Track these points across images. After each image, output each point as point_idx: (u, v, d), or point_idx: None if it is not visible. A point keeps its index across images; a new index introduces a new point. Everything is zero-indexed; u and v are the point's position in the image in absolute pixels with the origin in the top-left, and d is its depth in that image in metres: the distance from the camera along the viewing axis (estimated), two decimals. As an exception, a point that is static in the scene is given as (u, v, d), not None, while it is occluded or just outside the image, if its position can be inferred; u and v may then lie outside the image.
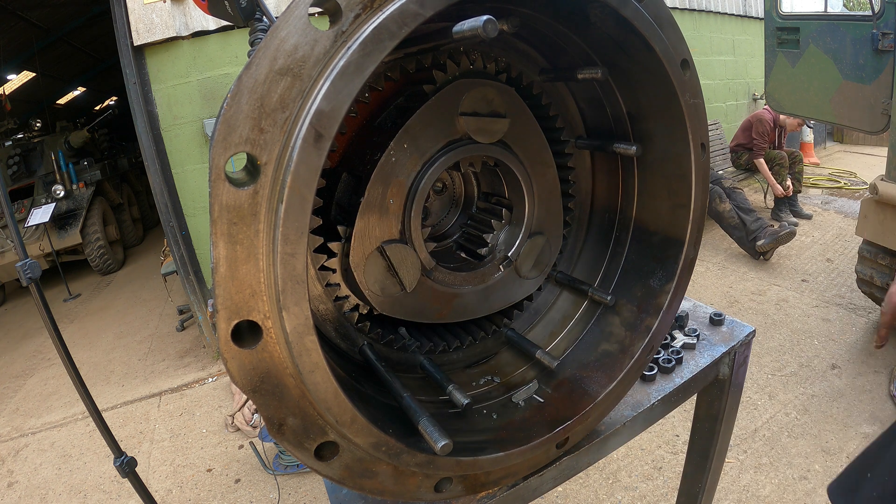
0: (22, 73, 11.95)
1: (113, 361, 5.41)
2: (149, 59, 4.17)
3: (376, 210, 0.82)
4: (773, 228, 5.27)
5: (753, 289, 4.95)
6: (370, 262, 0.84)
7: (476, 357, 1.13)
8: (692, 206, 0.93)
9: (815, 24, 4.15)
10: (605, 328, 1.07)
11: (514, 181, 0.97)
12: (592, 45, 0.92)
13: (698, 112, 0.89)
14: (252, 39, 1.28)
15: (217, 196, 0.52)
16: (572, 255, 1.20)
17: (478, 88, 0.85)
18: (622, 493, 2.84)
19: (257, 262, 0.56)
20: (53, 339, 1.91)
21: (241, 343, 0.58)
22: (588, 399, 0.96)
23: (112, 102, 17.61)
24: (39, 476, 3.75)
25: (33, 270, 1.83)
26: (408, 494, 0.79)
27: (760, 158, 6.28)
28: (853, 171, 8.19)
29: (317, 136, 0.54)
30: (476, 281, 0.98)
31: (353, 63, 0.55)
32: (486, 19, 0.59)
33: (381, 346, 1.00)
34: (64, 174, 8.33)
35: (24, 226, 7.56)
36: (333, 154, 0.92)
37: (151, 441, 3.94)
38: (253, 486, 3.30)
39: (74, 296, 7.85)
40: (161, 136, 4.26)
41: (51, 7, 9.52)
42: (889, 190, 3.33)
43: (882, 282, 3.60)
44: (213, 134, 0.52)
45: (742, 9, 8.06)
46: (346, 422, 0.65)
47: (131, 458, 2.11)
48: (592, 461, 1.11)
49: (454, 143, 0.86)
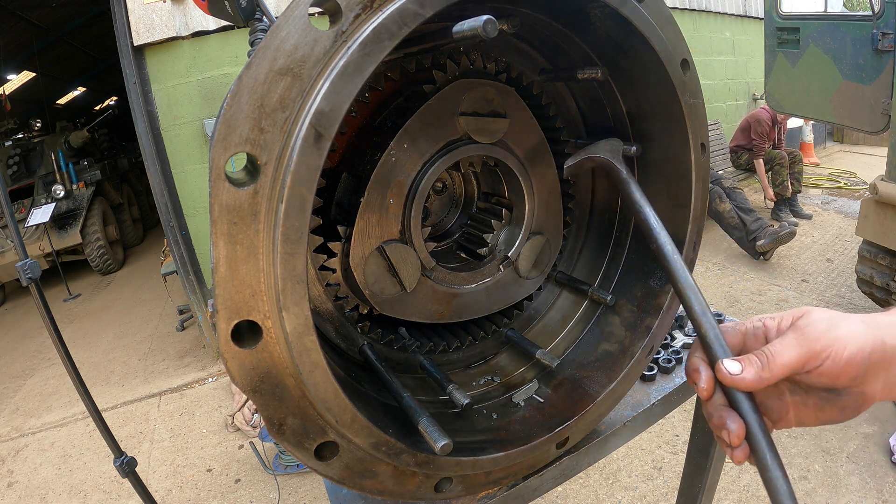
0: (22, 73, 11.95)
1: (113, 361, 5.41)
2: (149, 59, 4.17)
3: (376, 210, 0.82)
4: (773, 228, 5.27)
5: (753, 289, 4.95)
6: (370, 262, 0.84)
7: (476, 357, 1.13)
8: (692, 207, 0.93)
9: (815, 24, 4.15)
10: (605, 328, 1.07)
11: (514, 181, 0.97)
12: (592, 45, 0.92)
13: (698, 112, 0.89)
14: (252, 39, 1.28)
15: (217, 196, 0.52)
16: (572, 255, 1.20)
17: (478, 88, 0.85)
18: (622, 493, 2.84)
19: (257, 262, 0.56)
20: (53, 339, 1.91)
21: (241, 343, 0.58)
22: (588, 399, 0.96)
23: (112, 102, 17.62)
24: (39, 476, 3.75)
25: (33, 270, 1.83)
26: (408, 494, 0.79)
27: (760, 160, 6.28)
28: (853, 171, 8.19)
29: (317, 136, 0.54)
30: (476, 281, 0.98)
31: (353, 63, 0.55)
32: (486, 19, 0.59)
33: (381, 346, 1.00)
34: (64, 174, 8.33)
35: (24, 226, 7.56)
36: (333, 154, 0.92)
37: (151, 441, 3.94)
38: (253, 486, 3.30)
39: (74, 296, 7.85)
40: (161, 136, 4.26)
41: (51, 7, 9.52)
42: (889, 190, 3.33)
43: (882, 282, 3.60)
44: (213, 134, 0.52)
45: (742, 9, 8.06)
46: (346, 422, 0.65)
47: (131, 458, 2.11)
48: (592, 461, 1.11)
49: (454, 143, 0.86)
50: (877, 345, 0.58)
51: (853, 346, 0.58)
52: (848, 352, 0.57)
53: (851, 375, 0.58)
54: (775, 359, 0.60)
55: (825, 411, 0.63)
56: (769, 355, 0.60)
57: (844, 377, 0.58)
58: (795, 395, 0.64)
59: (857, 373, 0.58)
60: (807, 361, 0.59)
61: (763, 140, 6.24)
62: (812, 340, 0.59)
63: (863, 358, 0.58)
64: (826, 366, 0.58)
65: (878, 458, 2.84)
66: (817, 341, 0.58)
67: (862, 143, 9.92)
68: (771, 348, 0.61)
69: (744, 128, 6.56)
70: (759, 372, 0.60)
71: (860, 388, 0.60)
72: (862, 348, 0.58)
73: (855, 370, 0.58)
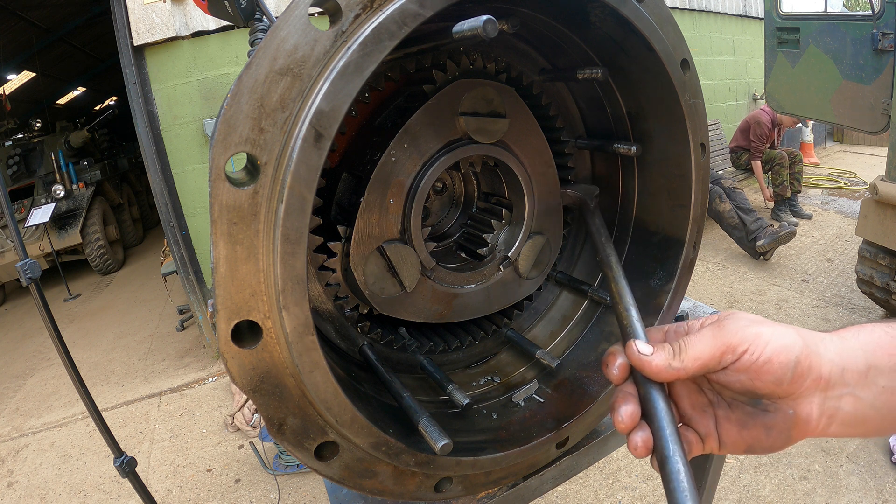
0: (22, 73, 11.96)
1: (113, 361, 5.41)
2: (149, 60, 4.17)
3: (376, 210, 0.82)
4: (773, 228, 5.27)
5: (753, 289, 4.95)
6: (370, 262, 0.84)
7: (476, 357, 1.13)
8: (692, 206, 0.93)
9: (815, 24, 4.15)
10: (605, 328, 1.07)
11: (513, 181, 0.97)
12: (592, 45, 0.92)
13: (698, 112, 0.89)
14: (252, 39, 1.28)
15: (217, 196, 0.52)
16: (572, 255, 1.20)
17: (478, 88, 0.85)
18: (622, 493, 2.84)
19: (257, 262, 0.56)
20: (53, 339, 1.91)
21: (241, 343, 0.58)
22: (588, 399, 0.96)
23: (112, 102, 17.63)
24: (39, 476, 3.75)
25: (33, 270, 1.83)
26: (408, 494, 0.79)
27: (757, 161, 6.29)
28: (853, 171, 8.19)
29: (317, 136, 0.54)
30: (476, 281, 0.98)
31: (353, 63, 0.55)
32: (486, 19, 0.59)
33: (381, 345, 1.00)
34: (64, 174, 8.33)
35: (24, 226, 7.56)
36: (333, 154, 0.92)
37: (151, 441, 3.94)
38: (253, 486, 3.30)
39: (74, 296, 7.85)
40: (161, 136, 4.26)
41: (51, 7, 9.53)
42: (889, 190, 3.33)
43: (882, 282, 3.60)
44: (213, 134, 0.52)
45: (742, 9, 8.06)
46: (346, 422, 0.65)
47: (131, 458, 2.11)
48: (592, 461, 1.11)
49: (454, 143, 0.86)
50: (808, 355, 0.53)
51: (776, 344, 0.53)
52: (770, 349, 0.53)
53: (774, 377, 0.53)
54: (687, 349, 0.56)
55: (749, 429, 0.57)
56: (682, 345, 0.57)
57: (766, 378, 0.53)
58: (719, 408, 0.61)
59: (781, 376, 0.53)
60: (722, 355, 0.55)
61: (761, 142, 6.25)
62: (729, 333, 0.55)
63: (787, 360, 0.53)
64: (744, 361, 0.54)
65: (878, 458, 2.84)
66: (735, 335, 0.55)
67: (862, 143, 9.92)
68: (685, 339, 0.57)
69: (743, 129, 6.57)
70: (668, 359, 0.56)
71: (789, 404, 0.54)
72: (787, 348, 0.53)
73: (778, 371, 0.53)
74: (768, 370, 0.53)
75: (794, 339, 0.54)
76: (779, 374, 0.53)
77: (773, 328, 0.55)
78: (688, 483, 0.50)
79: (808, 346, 0.54)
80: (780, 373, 0.53)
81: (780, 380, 0.53)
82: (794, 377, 0.53)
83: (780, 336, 0.54)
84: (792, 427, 0.55)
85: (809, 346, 0.54)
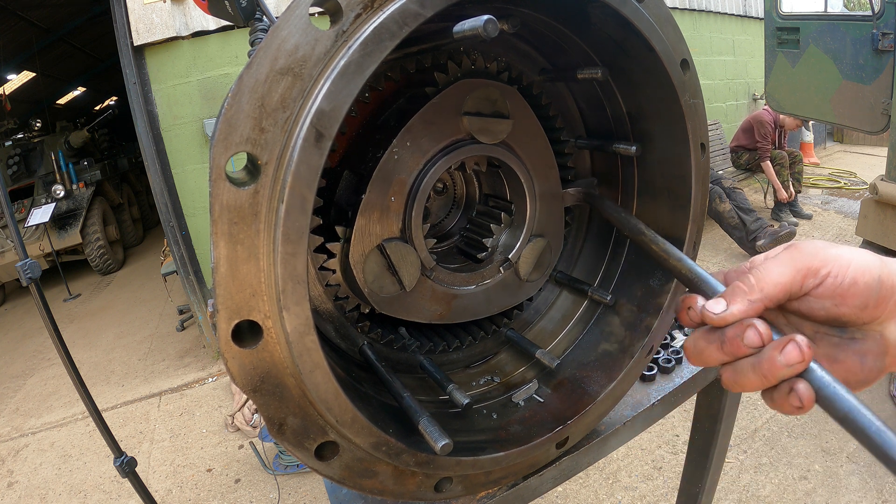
0: (22, 73, 11.96)
1: (113, 361, 5.41)
2: (149, 60, 4.17)
3: (377, 207, 0.82)
4: (773, 228, 5.28)
5: (753, 289, 4.95)
6: (370, 261, 0.84)
7: (476, 357, 1.13)
8: (692, 206, 0.93)
9: (815, 24, 4.15)
10: (605, 328, 1.07)
11: (515, 182, 0.97)
12: (592, 45, 0.92)
13: (698, 112, 0.89)
14: (252, 39, 1.28)
15: (217, 196, 0.52)
16: (572, 255, 1.20)
17: (481, 88, 0.85)
18: (622, 493, 2.84)
19: (258, 262, 0.56)
20: (53, 339, 1.91)
21: (242, 343, 0.58)
22: (588, 399, 0.96)
23: (112, 102, 17.63)
24: (39, 476, 3.75)
25: (33, 270, 1.83)
26: (408, 494, 0.79)
27: (767, 161, 6.26)
28: (853, 171, 8.19)
29: (318, 136, 0.54)
30: (476, 282, 0.98)
31: (354, 63, 0.55)
32: (487, 19, 0.59)
33: (381, 345, 1.00)
34: (64, 174, 8.34)
35: (24, 226, 7.56)
36: (334, 154, 0.92)
37: (151, 441, 3.94)
38: (253, 486, 3.30)
39: (74, 296, 7.85)
40: (161, 136, 4.26)
41: (51, 7, 9.53)
42: (889, 190, 3.33)
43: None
44: (213, 133, 0.52)
45: (742, 9, 8.07)
46: (346, 422, 0.65)
47: (131, 458, 2.12)
48: (592, 461, 1.11)
49: (457, 143, 0.86)
50: (890, 274, 0.49)
51: (858, 264, 0.49)
52: (853, 269, 0.49)
53: (860, 300, 0.49)
54: (764, 278, 0.50)
55: (841, 361, 0.52)
56: (757, 276, 0.51)
57: (851, 301, 0.49)
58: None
59: (867, 298, 0.49)
60: (804, 279, 0.50)
61: (766, 141, 6.24)
62: (809, 255, 0.50)
63: (871, 279, 0.48)
64: (827, 284, 0.49)
65: (878, 459, 2.84)
66: (814, 256, 0.50)
67: (862, 143, 9.92)
68: (759, 268, 0.52)
69: (746, 129, 6.56)
70: (746, 296, 0.50)
71: (877, 327, 0.50)
72: (868, 268, 0.49)
73: (863, 293, 0.49)
74: (854, 293, 0.49)
75: (873, 259, 0.51)
76: (864, 296, 0.49)
77: (850, 249, 0.51)
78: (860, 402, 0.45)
79: (886, 266, 0.50)
80: (865, 294, 0.49)
81: (866, 303, 0.49)
82: (878, 299, 0.49)
83: (860, 256, 0.50)
84: (885, 352, 0.51)
85: (888, 264, 0.50)
